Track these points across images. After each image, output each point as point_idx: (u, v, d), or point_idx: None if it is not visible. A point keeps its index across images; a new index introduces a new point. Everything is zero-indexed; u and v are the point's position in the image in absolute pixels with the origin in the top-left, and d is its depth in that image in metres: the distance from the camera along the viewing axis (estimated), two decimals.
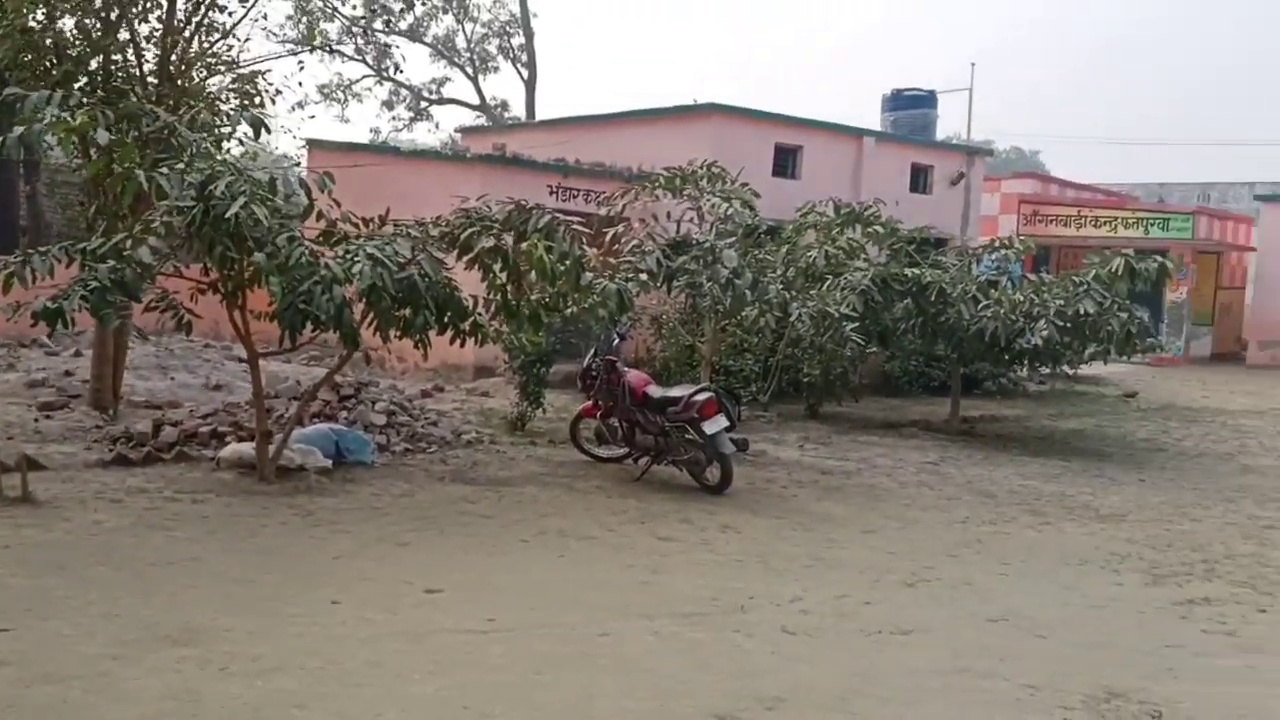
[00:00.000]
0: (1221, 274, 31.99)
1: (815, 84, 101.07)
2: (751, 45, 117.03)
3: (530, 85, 38.39)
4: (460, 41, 38.62)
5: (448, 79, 39.44)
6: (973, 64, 38.76)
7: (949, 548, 8.69)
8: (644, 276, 10.72)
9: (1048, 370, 16.96)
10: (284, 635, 5.79)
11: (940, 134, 25.77)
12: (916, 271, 13.77)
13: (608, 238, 11.75)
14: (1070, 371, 17.43)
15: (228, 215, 7.77)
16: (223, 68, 11.60)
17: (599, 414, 10.93)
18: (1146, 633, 6.71)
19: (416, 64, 65.68)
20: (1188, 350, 29.16)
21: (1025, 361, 14.49)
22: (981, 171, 24.47)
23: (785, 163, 20.14)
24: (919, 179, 22.38)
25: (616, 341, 10.90)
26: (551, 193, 16.86)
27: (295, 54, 15.14)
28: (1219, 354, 31.09)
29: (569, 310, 10.05)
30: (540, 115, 34.34)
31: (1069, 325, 13.14)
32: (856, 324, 12.61)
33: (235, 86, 11.40)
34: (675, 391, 10.46)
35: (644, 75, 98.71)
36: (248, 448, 9.61)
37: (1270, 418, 18.50)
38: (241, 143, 11.24)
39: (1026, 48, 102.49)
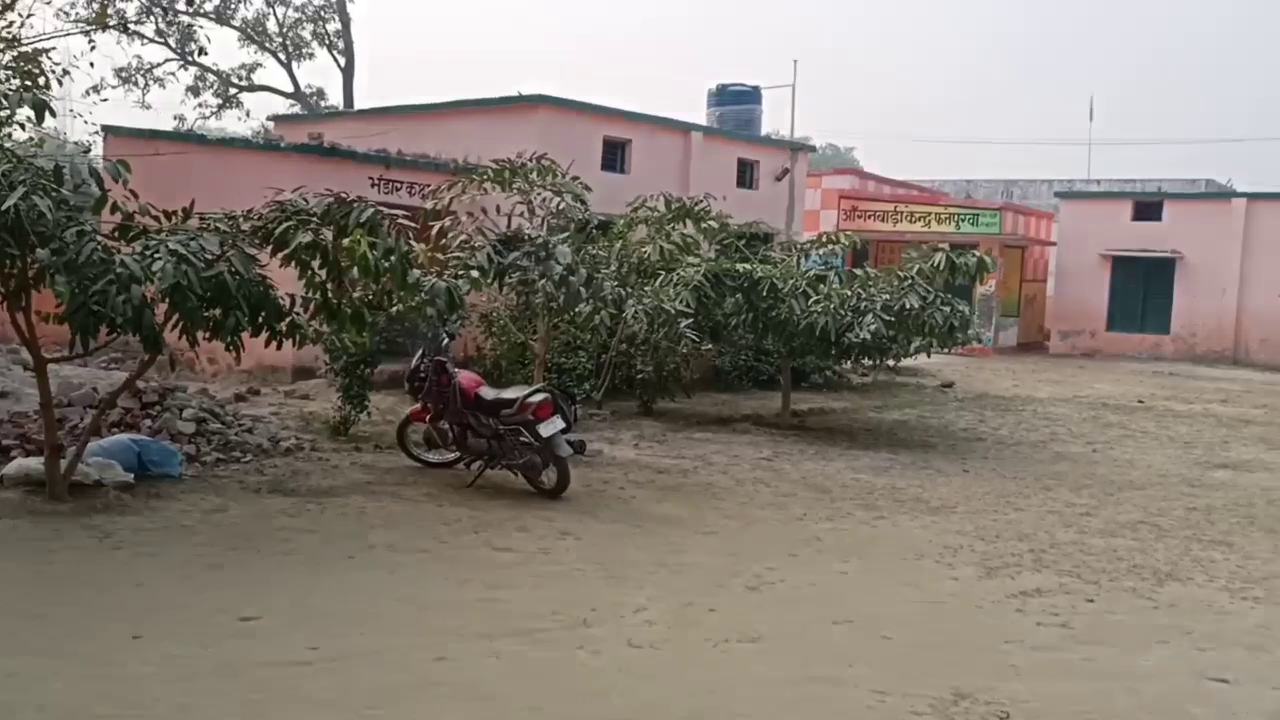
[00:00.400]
0: (1026, 267, 33.56)
1: (642, 78, 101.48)
2: (581, 35, 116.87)
3: (348, 73, 37.12)
4: (272, 25, 36.94)
5: (259, 65, 37.66)
6: (795, 61, 39.53)
7: (789, 546, 8.61)
8: (475, 273, 10.28)
9: (872, 363, 17.31)
10: (77, 678, 5.18)
11: (764, 130, 26.03)
12: (748, 267, 13.76)
13: (434, 232, 11.26)
14: (892, 364, 17.85)
15: (4, 207, 6.98)
16: (1, 44, 10.55)
17: (428, 417, 10.45)
18: (986, 628, 6.74)
19: (224, 48, 62.76)
20: (997, 341, 30.44)
21: (854, 355, 14.68)
22: (805, 167, 24.89)
23: (614, 156, 19.95)
24: (745, 174, 22.57)
25: (446, 341, 10.43)
26: (373, 185, 16.16)
27: (86, 33, 13.99)
28: (1024, 344, 32.63)
29: (394, 309, 9.55)
30: (359, 105, 33.18)
31: (895, 319, 13.36)
32: (691, 320, 12.48)
33: (15, 65, 10.38)
34: (509, 393, 10.08)
35: (468, 67, 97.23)
36: (35, 463, 8.73)
37: (1075, 405, 19.36)
38: (23, 127, 10.24)
39: (845, 47, 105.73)
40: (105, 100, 30.15)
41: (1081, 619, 6.96)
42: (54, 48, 10.73)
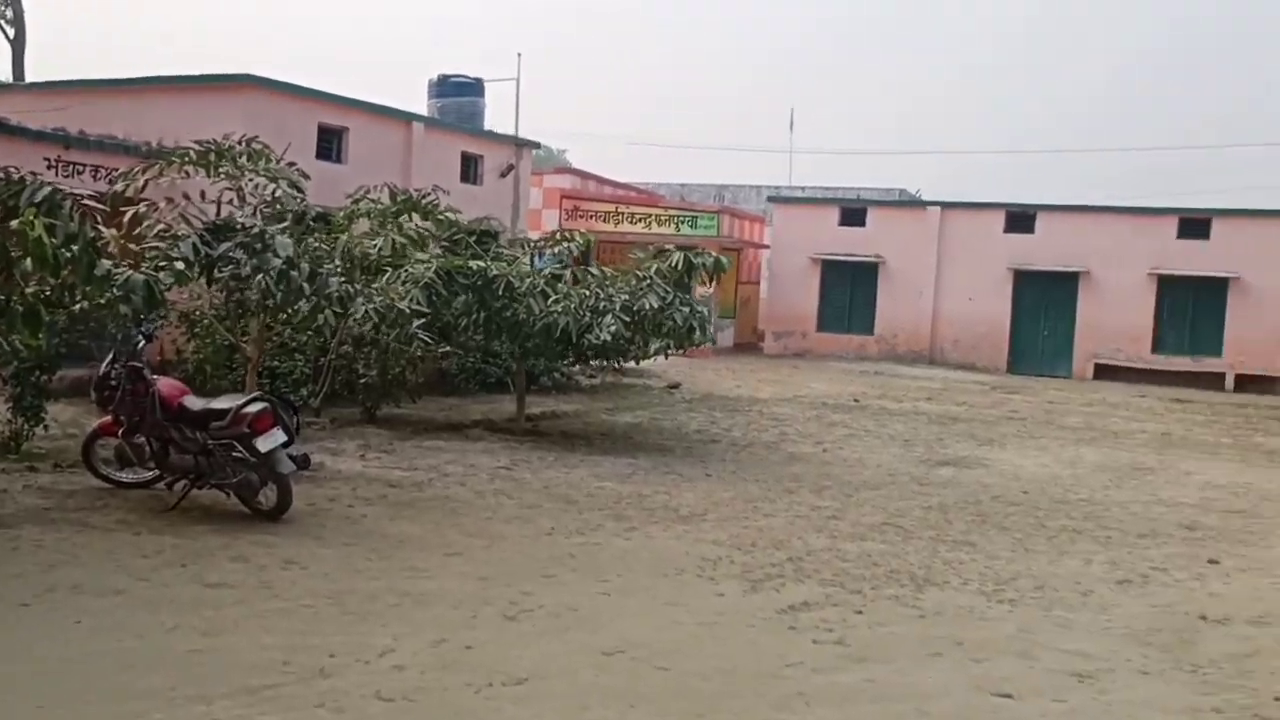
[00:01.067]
0: (741, 270, 34.42)
1: (362, 64, 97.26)
2: (296, 18, 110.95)
3: (18, 46, 33.34)
4: None
5: None
6: (519, 54, 38.69)
7: (542, 566, 7.95)
8: (179, 265, 8.99)
9: (609, 365, 16.95)
10: None
11: (487, 125, 25.25)
12: (482, 264, 12.98)
13: (127, 218, 9.82)
14: (634, 364, 17.57)
15: None
16: None
17: (120, 431, 9.03)
18: (764, 651, 6.33)
19: None
20: (716, 341, 30.99)
21: (592, 357, 14.20)
22: (530, 164, 24.33)
23: (330, 145, 18.63)
24: (469, 169, 21.73)
25: (141, 343, 9.07)
26: (50, 166, 14.21)
27: None
28: (740, 344, 33.46)
29: (78, 306, 8.15)
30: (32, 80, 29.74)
31: (634, 320, 12.98)
32: (423, 320, 11.59)
33: None
34: (220, 402, 8.87)
35: (166, 46, 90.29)
36: None
37: (796, 405, 19.79)
38: None
39: (565, 46, 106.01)
40: None
41: (855, 634, 6.69)
42: None
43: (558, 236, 14.86)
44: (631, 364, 15.42)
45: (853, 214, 32.16)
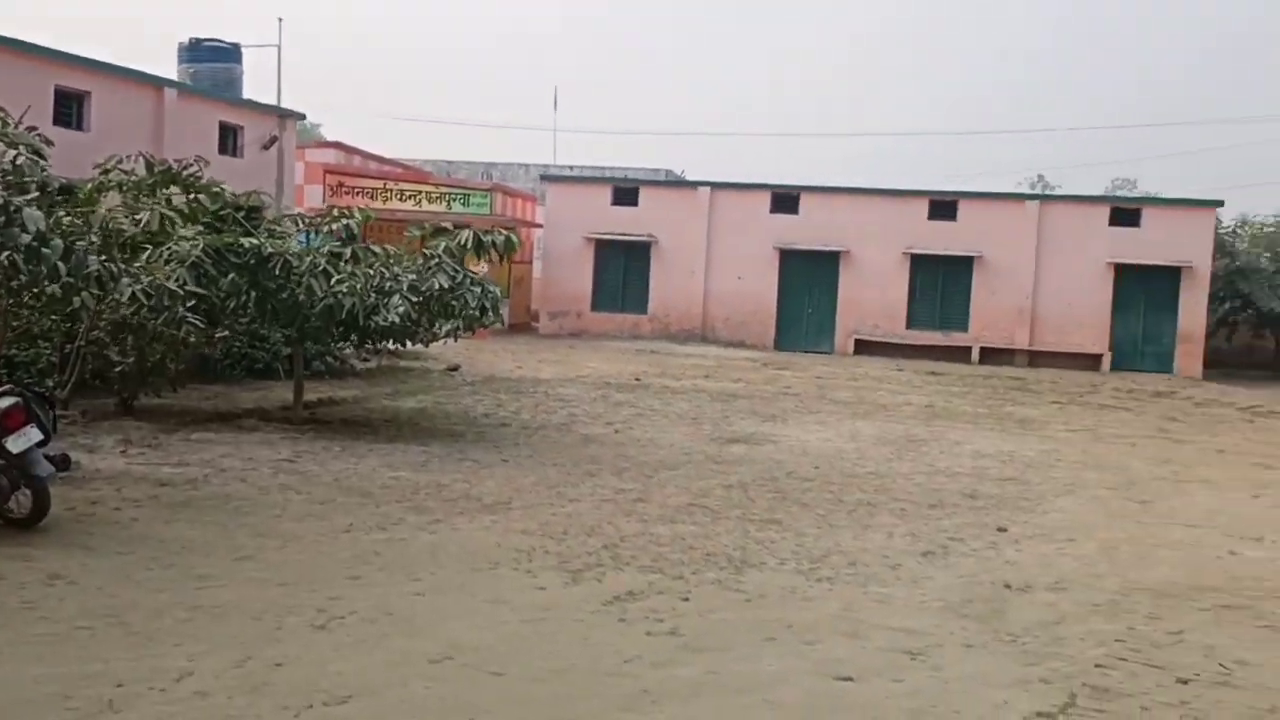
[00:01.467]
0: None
1: (111, 25, 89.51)
2: None
3: None
4: None
5: None
6: (280, 19, 36.17)
7: (346, 567, 7.38)
8: None
9: (381, 348, 16.23)
10: None
11: (245, 94, 23.74)
12: (255, 241, 12.06)
13: None
14: (397, 349, 16.88)
15: None
16: None
17: None
18: (599, 646, 6.04)
19: None
20: (505, 322, 30.46)
21: (379, 340, 13.50)
22: (294, 136, 23.05)
23: (69, 110, 17.00)
24: (228, 140, 20.43)
25: None
26: None
27: None
28: (515, 325, 33.01)
29: None
30: None
31: (423, 301, 12.39)
32: (193, 302, 10.64)
33: None
34: None
35: None
36: None
37: (579, 385, 19.62)
38: None
39: (326, 15, 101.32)
40: None
41: (686, 623, 6.50)
42: None
43: (335, 213, 14.02)
44: (420, 347, 14.76)
45: (625, 193, 32.28)
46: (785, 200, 31.43)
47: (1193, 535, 9.64)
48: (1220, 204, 30.51)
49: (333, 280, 11.97)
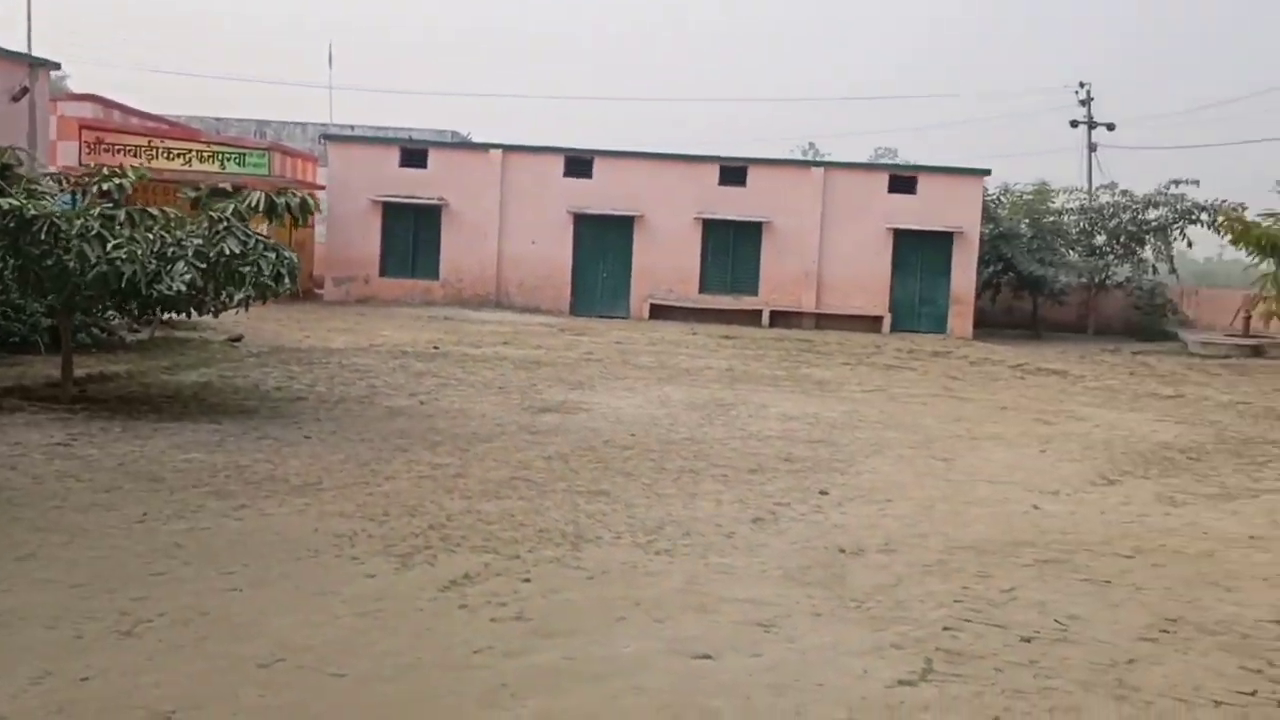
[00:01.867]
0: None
1: None
2: None
3: None
4: None
5: None
6: None
7: (146, 562, 6.70)
8: None
9: (159, 318, 15.06)
10: None
11: None
12: (16, 203, 10.86)
13: None
14: (173, 318, 15.75)
15: None
16: None
17: None
18: (443, 638, 5.66)
19: None
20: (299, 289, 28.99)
21: (162, 310, 12.46)
22: (47, 88, 21.05)
23: None
24: None
25: None
26: None
27: None
28: (298, 292, 31.52)
29: None
30: None
31: (210, 267, 11.50)
32: None
33: None
34: None
35: None
36: None
37: (375, 355, 18.86)
38: None
39: None
40: None
41: (531, 605, 6.20)
42: None
43: (105, 172, 12.82)
44: (199, 317, 13.72)
45: (414, 155, 31.28)
46: (579, 164, 31.19)
47: (997, 492, 10.02)
48: (988, 173, 32.19)
49: (109, 246, 10.91)
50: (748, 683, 5.18)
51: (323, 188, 32.18)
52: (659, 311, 30.85)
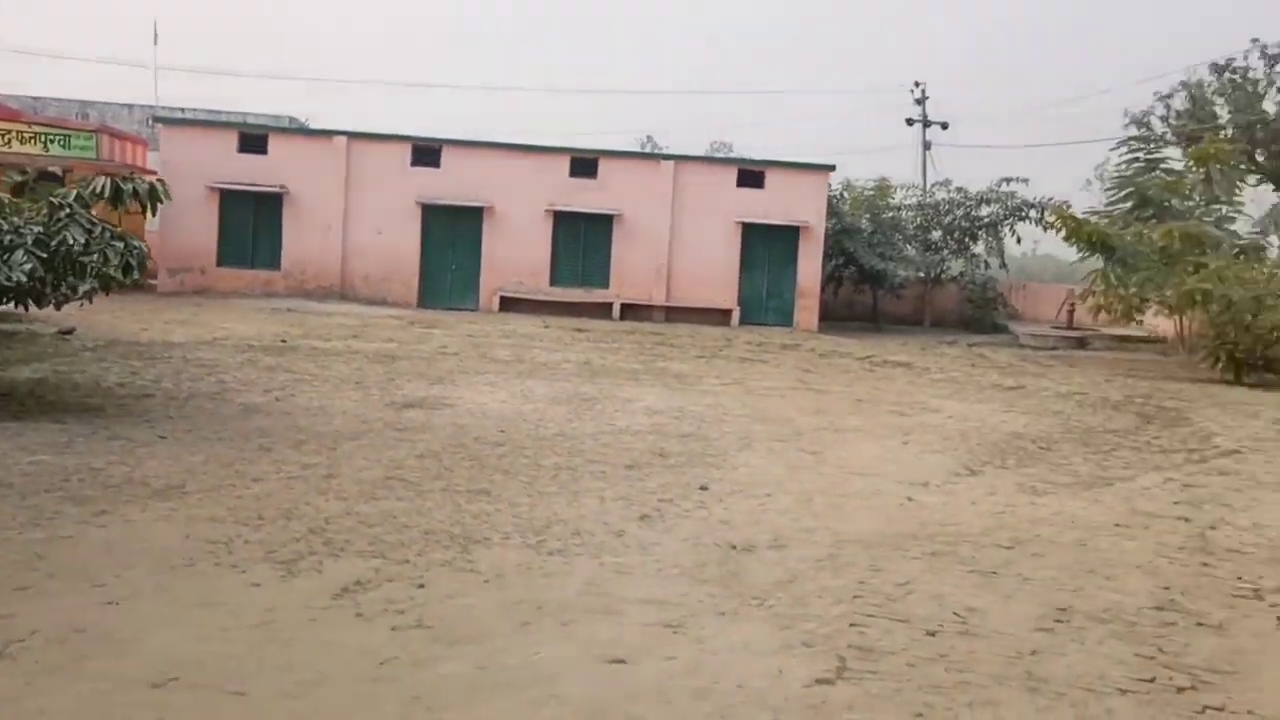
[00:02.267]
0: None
1: None
2: None
3: None
4: None
5: None
6: None
7: (6, 575, 6.22)
8: None
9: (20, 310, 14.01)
10: None
11: None
12: None
13: None
14: (54, 310, 14.71)
15: None
16: None
17: None
18: (344, 650, 5.41)
19: None
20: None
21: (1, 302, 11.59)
22: None
23: None
24: None
25: None
26: None
27: None
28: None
29: None
30: None
31: (51, 257, 10.77)
32: None
33: None
34: None
35: None
36: None
37: (220, 349, 18.09)
38: None
39: None
40: None
41: (430, 611, 6.00)
42: None
43: None
44: (37, 310, 12.83)
45: (253, 140, 30.10)
46: (427, 153, 30.59)
47: (870, 484, 10.24)
48: (832, 168, 33.00)
49: None
50: (668, 687, 5.12)
51: (153, 173, 30.62)
52: (509, 304, 30.55)
